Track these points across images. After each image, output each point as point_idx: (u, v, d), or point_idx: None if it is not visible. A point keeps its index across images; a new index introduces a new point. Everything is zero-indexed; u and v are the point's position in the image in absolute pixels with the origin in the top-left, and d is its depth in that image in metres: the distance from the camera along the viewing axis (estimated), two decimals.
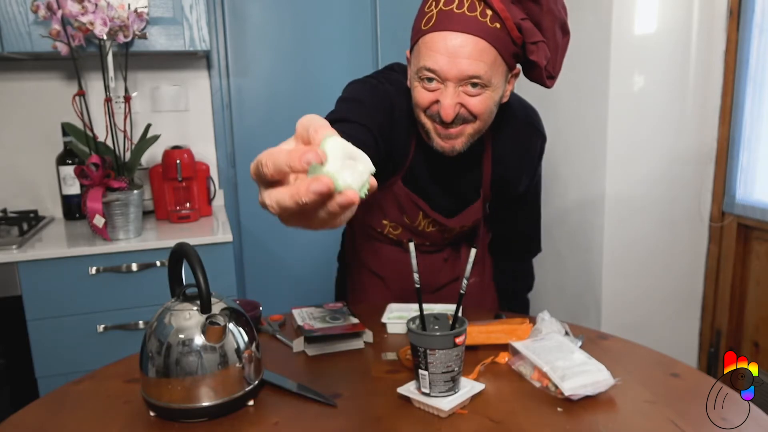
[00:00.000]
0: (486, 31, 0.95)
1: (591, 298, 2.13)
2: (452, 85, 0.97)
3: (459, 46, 0.94)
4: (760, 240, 1.92)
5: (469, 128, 1.03)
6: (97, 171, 1.70)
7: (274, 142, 1.99)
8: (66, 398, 1.02)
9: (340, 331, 1.16)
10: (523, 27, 0.98)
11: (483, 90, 0.99)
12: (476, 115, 1.01)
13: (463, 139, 1.05)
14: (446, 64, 0.96)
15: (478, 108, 1.00)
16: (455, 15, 0.94)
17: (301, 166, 0.49)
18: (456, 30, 0.94)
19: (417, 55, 1.01)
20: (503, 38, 0.97)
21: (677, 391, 1.00)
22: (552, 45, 1.02)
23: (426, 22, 0.98)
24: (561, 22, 1.02)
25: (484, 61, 0.96)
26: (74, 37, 1.70)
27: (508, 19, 0.95)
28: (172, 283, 0.99)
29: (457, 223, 1.27)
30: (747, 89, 1.90)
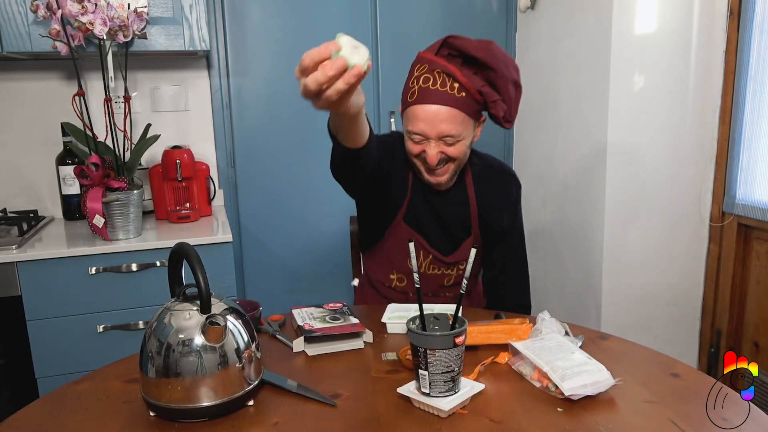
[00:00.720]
0: (455, 100, 1.25)
1: (591, 298, 2.13)
2: (433, 141, 1.28)
3: (436, 114, 1.25)
4: (760, 240, 1.92)
5: (451, 166, 1.33)
6: (97, 171, 1.70)
7: (274, 142, 2.06)
8: (66, 398, 1.02)
9: (340, 331, 1.16)
10: (483, 92, 1.27)
11: (457, 141, 1.29)
12: (454, 158, 1.31)
13: (448, 175, 1.34)
14: (428, 128, 1.26)
15: (455, 153, 1.30)
16: (431, 91, 1.25)
17: (327, 52, 0.77)
18: (433, 102, 1.25)
19: (406, 120, 1.31)
20: (469, 103, 1.27)
21: (677, 391, 1.00)
22: (507, 99, 1.29)
23: (411, 96, 1.28)
24: (513, 81, 1.30)
25: (455, 123, 1.26)
26: (74, 37, 1.69)
27: (471, 89, 1.26)
28: (172, 283, 0.99)
29: (453, 260, 1.44)
30: (747, 89, 1.90)
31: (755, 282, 1.96)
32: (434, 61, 1.27)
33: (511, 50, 2.56)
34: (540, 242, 2.40)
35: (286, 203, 2.47)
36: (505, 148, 2.66)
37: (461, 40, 1.27)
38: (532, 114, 2.48)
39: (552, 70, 2.29)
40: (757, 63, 1.86)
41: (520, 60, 2.53)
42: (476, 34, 2.50)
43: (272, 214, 2.46)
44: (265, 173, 2.43)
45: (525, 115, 2.55)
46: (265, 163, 2.42)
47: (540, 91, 2.40)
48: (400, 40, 2.44)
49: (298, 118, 2.42)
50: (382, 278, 1.53)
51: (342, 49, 0.77)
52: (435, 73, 1.26)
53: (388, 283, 1.52)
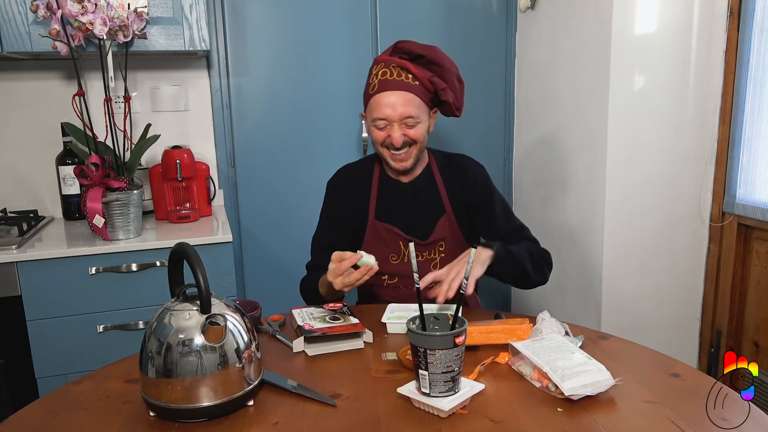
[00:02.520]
0: (410, 87, 1.44)
1: (591, 298, 2.13)
2: (396, 124, 1.44)
3: (396, 99, 1.43)
4: (760, 240, 1.92)
5: (413, 150, 1.48)
6: (97, 171, 1.70)
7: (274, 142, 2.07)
8: (66, 398, 1.02)
9: (340, 331, 1.16)
10: (433, 81, 1.47)
11: (416, 123, 1.45)
12: (415, 140, 1.46)
13: (411, 159, 1.48)
14: (390, 112, 1.43)
15: (416, 135, 1.46)
16: (389, 81, 1.44)
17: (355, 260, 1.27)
18: (392, 89, 1.43)
19: (370, 111, 1.48)
20: (422, 90, 1.45)
21: (677, 391, 1.00)
22: (453, 89, 1.50)
23: (371, 89, 1.46)
24: (456, 75, 1.52)
25: (413, 106, 1.44)
26: (74, 37, 1.69)
27: (423, 78, 1.45)
28: (172, 283, 0.99)
29: (432, 240, 1.53)
30: (747, 89, 1.90)
31: (755, 282, 1.95)
32: (389, 59, 1.46)
33: (511, 50, 2.56)
34: (540, 242, 2.39)
35: (286, 203, 2.47)
36: (505, 148, 2.66)
37: (409, 43, 1.49)
38: (532, 114, 2.48)
39: (552, 70, 2.29)
40: (757, 63, 1.86)
41: (520, 60, 2.53)
42: (476, 34, 2.52)
43: (272, 214, 2.46)
44: (265, 173, 2.42)
45: (525, 115, 2.55)
46: (265, 163, 2.42)
47: (540, 91, 2.40)
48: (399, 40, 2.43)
49: (298, 118, 2.42)
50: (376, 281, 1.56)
51: (362, 258, 1.26)
52: (391, 68, 1.44)
53: (380, 283, 1.56)
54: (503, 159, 2.67)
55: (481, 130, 2.60)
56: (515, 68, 2.57)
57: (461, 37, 2.51)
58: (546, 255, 1.50)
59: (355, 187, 1.58)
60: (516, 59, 2.56)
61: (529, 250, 1.44)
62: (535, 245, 1.51)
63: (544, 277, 1.48)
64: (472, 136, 2.58)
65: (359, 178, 1.59)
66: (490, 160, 2.62)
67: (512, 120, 2.62)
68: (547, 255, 1.50)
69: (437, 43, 2.47)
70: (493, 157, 2.64)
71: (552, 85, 2.29)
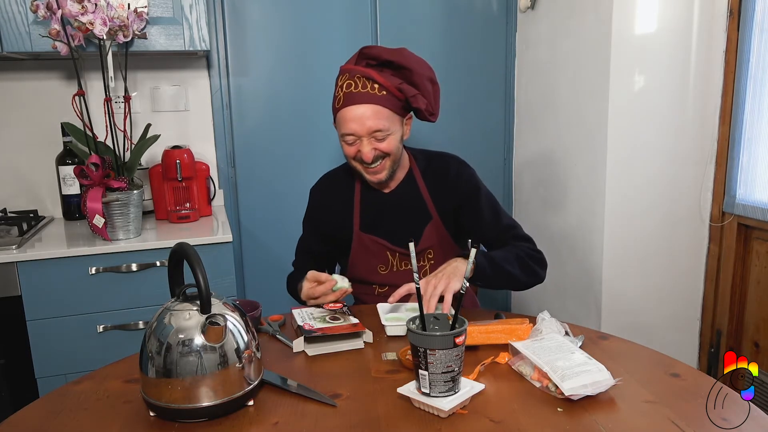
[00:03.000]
0: (377, 98, 1.36)
1: (591, 298, 2.13)
2: (365, 138, 1.37)
3: (362, 113, 1.35)
4: (760, 240, 1.92)
5: (387, 162, 1.42)
6: (97, 171, 1.70)
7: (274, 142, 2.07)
8: (66, 398, 1.02)
9: (340, 331, 1.16)
10: (402, 89, 1.38)
11: (386, 136, 1.38)
12: (386, 152, 1.40)
13: (386, 171, 1.43)
14: (357, 127, 1.36)
15: (387, 147, 1.39)
16: (354, 94, 1.36)
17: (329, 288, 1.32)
18: (357, 103, 1.36)
19: (338, 125, 1.42)
20: (391, 99, 1.37)
21: (677, 391, 1.00)
22: (426, 93, 1.41)
23: (337, 102, 1.40)
24: (429, 78, 1.42)
25: (381, 118, 1.36)
26: (74, 37, 1.69)
27: (390, 87, 1.37)
28: (172, 283, 0.99)
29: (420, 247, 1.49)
30: (747, 89, 1.90)
31: (755, 282, 1.96)
32: (353, 69, 1.40)
33: (511, 50, 2.56)
34: (540, 242, 2.39)
35: (287, 203, 2.47)
36: (506, 148, 2.66)
37: (376, 48, 1.42)
38: (532, 114, 2.48)
39: (552, 70, 2.29)
40: (757, 63, 1.86)
41: (520, 60, 2.53)
42: (476, 34, 2.52)
43: (272, 214, 2.46)
44: (265, 173, 2.42)
45: (525, 115, 2.55)
46: (265, 163, 2.42)
47: (540, 91, 2.40)
48: (400, 40, 2.43)
49: (298, 118, 2.42)
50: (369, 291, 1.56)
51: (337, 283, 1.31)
52: (355, 79, 1.38)
53: (372, 292, 1.56)
54: (503, 159, 2.67)
55: (481, 131, 2.60)
56: (515, 68, 2.57)
57: (461, 37, 2.51)
58: (537, 254, 1.44)
59: (338, 196, 1.55)
60: (516, 59, 2.56)
61: (516, 253, 1.40)
62: (525, 245, 1.45)
63: (538, 277, 1.42)
64: (472, 137, 2.58)
65: (341, 188, 1.55)
66: (490, 160, 2.63)
67: (512, 120, 2.62)
68: (538, 254, 1.44)
69: (437, 43, 2.49)
70: (493, 157, 2.64)
71: (552, 85, 2.29)
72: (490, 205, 1.50)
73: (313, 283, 1.32)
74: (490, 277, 1.32)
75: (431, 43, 2.48)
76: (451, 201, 1.49)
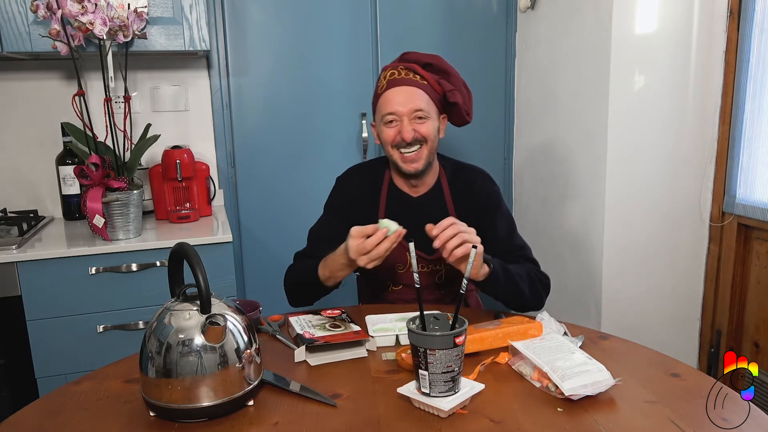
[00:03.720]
0: (419, 84, 1.46)
1: (591, 298, 2.13)
2: (406, 119, 1.44)
3: (405, 94, 1.44)
4: (760, 240, 1.92)
5: (424, 150, 1.46)
6: (97, 171, 1.70)
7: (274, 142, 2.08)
8: (66, 398, 1.02)
9: (342, 340, 1.13)
10: (441, 82, 1.48)
11: (426, 120, 1.45)
12: (425, 137, 1.45)
13: (423, 160, 1.47)
14: (400, 106, 1.44)
15: (426, 131, 1.45)
16: (398, 79, 1.46)
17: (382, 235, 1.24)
18: (400, 85, 1.45)
19: (379, 110, 1.49)
20: (430, 89, 1.47)
21: (677, 391, 1.00)
22: (461, 94, 1.50)
23: (380, 89, 1.49)
24: (463, 83, 1.53)
25: (422, 100, 1.45)
26: (74, 37, 1.69)
27: (431, 78, 1.47)
28: (172, 283, 0.99)
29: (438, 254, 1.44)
30: (747, 89, 1.90)
31: (755, 282, 1.95)
32: (397, 64, 1.50)
33: (511, 50, 2.56)
34: (540, 242, 2.39)
35: (287, 203, 2.47)
36: (506, 148, 2.66)
37: (415, 54, 1.51)
38: (532, 114, 2.48)
39: (552, 70, 2.29)
40: (757, 63, 1.86)
41: (520, 60, 2.53)
42: (476, 34, 2.52)
43: (272, 214, 2.46)
44: (265, 173, 2.42)
45: (525, 115, 2.55)
46: (265, 163, 2.42)
47: (540, 91, 2.40)
48: (400, 40, 2.43)
49: (298, 117, 2.42)
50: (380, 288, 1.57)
51: (384, 225, 1.24)
52: (399, 69, 1.47)
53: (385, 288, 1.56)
54: (503, 159, 2.67)
55: (481, 131, 2.60)
56: (515, 68, 2.57)
57: (461, 37, 2.51)
58: (544, 279, 1.46)
59: (365, 191, 1.57)
60: (516, 59, 2.56)
61: (527, 271, 1.41)
62: (534, 267, 1.47)
63: (540, 301, 1.43)
64: (473, 137, 2.58)
65: (370, 184, 1.58)
66: (490, 161, 2.62)
67: (512, 120, 2.62)
68: (545, 279, 1.46)
69: (437, 43, 2.49)
70: (493, 157, 2.64)
71: (552, 85, 2.29)
72: (507, 224, 1.52)
73: (361, 238, 1.25)
74: (501, 284, 1.32)
75: (431, 43, 2.48)
76: (471, 212, 1.51)
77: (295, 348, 1.14)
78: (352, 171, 1.63)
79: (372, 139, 2.48)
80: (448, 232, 1.20)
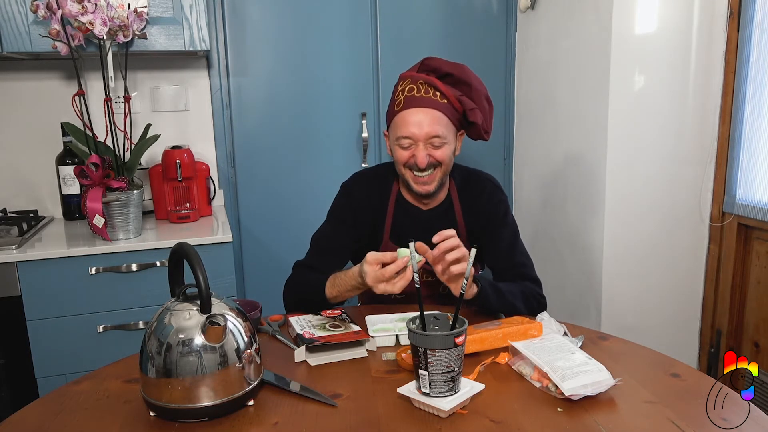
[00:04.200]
0: (438, 105, 1.37)
1: (591, 298, 2.13)
2: (422, 143, 1.37)
3: (423, 117, 1.36)
4: (760, 240, 1.92)
5: (438, 173, 1.41)
6: (97, 171, 1.70)
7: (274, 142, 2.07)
8: (66, 398, 1.02)
9: (342, 340, 1.13)
10: (462, 100, 1.40)
11: (442, 144, 1.38)
12: (440, 161, 1.39)
13: (435, 182, 1.41)
14: (417, 131, 1.36)
15: (441, 156, 1.39)
16: (416, 98, 1.37)
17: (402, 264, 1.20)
18: (419, 107, 1.36)
19: (394, 128, 1.41)
20: (450, 109, 1.39)
21: (677, 391, 1.00)
22: (483, 110, 1.43)
23: (397, 105, 1.40)
24: (485, 96, 1.45)
25: (440, 125, 1.37)
26: (74, 37, 1.69)
27: (451, 96, 1.38)
28: (172, 283, 0.99)
29: None
30: (747, 89, 1.90)
31: (755, 282, 1.95)
32: (416, 75, 1.40)
33: (511, 50, 2.56)
34: (540, 242, 2.40)
35: (287, 203, 2.47)
36: (506, 148, 2.66)
37: (437, 60, 1.42)
38: (532, 114, 2.48)
39: (552, 70, 2.29)
40: (757, 63, 1.86)
41: (520, 60, 2.53)
42: (476, 34, 2.52)
43: (272, 214, 2.46)
44: (265, 173, 2.42)
45: (525, 115, 2.55)
46: (265, 163, 2.42)
47: (540, 91, 2.40)
48: (400, 40, 2.44)
49: (298, 117, 2.42)
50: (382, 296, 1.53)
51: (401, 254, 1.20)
52: (418, 84, 1.38)
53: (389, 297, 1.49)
54: (503, 159, 2.66)
55: None
56: (515, 68, 2.57)
57: (461, 37, 2.51)
58: (541, 298, 1.41)
59: (372, 201, 1.50)
60: (516, 59, 2.56)
61: (521, 288, 1.37)
62: (532, 286, 1.41)
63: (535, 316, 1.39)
64: None
65: (377, 194, 1.51)
66: (490, 160, 2.62)
67: (512, 120, 2.62)
68: (541, 299, 1.41)
69: (438, 43, 2.49)
70: (493, 157, 2.64)
71: (552, 85, 2.29)
72: (510, 237, 1.48)
73: (377, 265, 1.21)
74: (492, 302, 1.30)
75: (431, 43, 2.48)
76: (478, 222, 1.48)
77: (295, 348, 1.14)
78: (359, 177, 1.56)
79: (373, 140, 2.48)
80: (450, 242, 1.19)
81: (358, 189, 1.52)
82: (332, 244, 1.48)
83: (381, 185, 1.51)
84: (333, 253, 1.48)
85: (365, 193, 1.51)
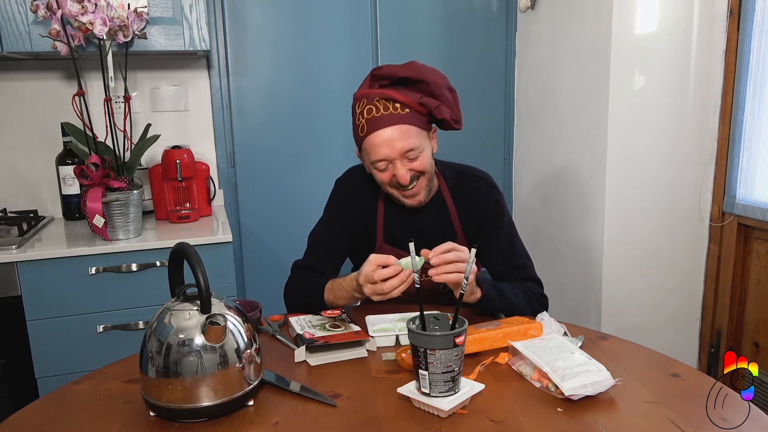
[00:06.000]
0: (401, 118, 1.31)
1: (591, 299, 2.13)
2: (398, 161, 1.33)
3: (390, 135, 1.31)
4: (760, 240, 1.92)
5: (423, 181, 1.38)
6: (97, 171, 1.70)
7: (274, 142, 2.06)
8: (66, 398, 1.02)
9: (342, 340, 1.13)
10: (423, 102, 1.33)
11: (418, 154, 1.33)
12: (422, 171, 1.36)
13: (423, 192, 1.39)
14: (389, 151, 1.32)
15: (422, 166, 1.35)
16: (377, 118, 1.32)
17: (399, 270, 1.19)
18: (383, 127, 1.31)
19: (366, 154, 1.37)
20: (415, 115, 1.33)
21: (677, 391, 1.00)
22: (447, 102, 1.36)
23: (361, 130, 1.36)
24: (446, 86, 1.37)
25: (410, 137, 1.32)
26: (74, 37, 1.69)
27: (412, 103, 1.32)
28: (172, 283, 0.99)
29: None
30: (747, 89, 1.90)
31: (755, 282, 1.96)
32: (370, 93, 1.35)
33: (511, 50, 2.56)
34: (540, 242, 2.39)
35: (287, 203, 2.47)
36: (506, 148, 2.66)
37: (386, 68, 1.37)
38: (532, 114, 2.48)
39: (552, 70, 2.29)
40: (757, 63, 1.86)
41: (520, 60, 2.53)
42: (476, 34, 2.52)
43: (272, 214, 2.46)
44: (265, 173, 2.42)
45: (525, 115, 2.55)
46: (265, 163, 2.42)
47: (540, 91, 2.40)
48: (400, 40, 2.44)
49: (298, 118, 2.42)
50: None
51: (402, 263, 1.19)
52: (375, 103, 1.33)
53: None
54: (503, 159, 2.67)
55: (481, 131, 2.60)
56: (515, 68, 2.57)
57: (461, 37, 2.51)
58: (542, 298, 1.40)
59: (364, 197, 1.49)
60: (516, 59, 2.56)
61: (523, 289, 1.36)
62: (533, 285, 1.41)
63: None
64: (472, 137, 2.57)
65: (369, 190, 1.48)
66: (490, 161, 2.62)
67: (512, 120, 2.62)
68: (543, 299, 1.41)
69: (437, 43, 2.49)
70: (493, 156, 2.64)
71: (552, 85, 2.29)
72: (509, 238, 1.46)
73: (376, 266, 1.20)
74: (496, 305, 1.30)
75: (431, 43, 2.48)
76: (475, 223, 1.46)
77: (295, 348, 1.14)
78: (352, 173, 1.54)
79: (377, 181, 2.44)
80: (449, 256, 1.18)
81: (350, 184, 1.52)
82: (327, 242, 1.48)
83: (372, 182, 1.48)
84: (329, 252, 1.48)
85: (357, 188, 1.50)
